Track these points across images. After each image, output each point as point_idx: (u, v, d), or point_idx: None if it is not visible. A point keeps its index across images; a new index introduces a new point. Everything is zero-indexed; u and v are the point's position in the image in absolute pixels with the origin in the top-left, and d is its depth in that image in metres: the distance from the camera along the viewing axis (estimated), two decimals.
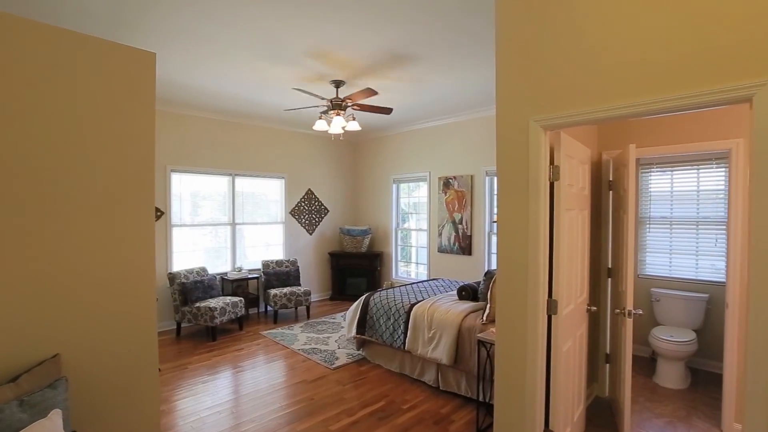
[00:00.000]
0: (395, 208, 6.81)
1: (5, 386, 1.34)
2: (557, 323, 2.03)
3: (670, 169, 4.03)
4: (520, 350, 2.04)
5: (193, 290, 4.78)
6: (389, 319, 3.77)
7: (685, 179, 3.96)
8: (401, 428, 2.82)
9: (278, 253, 6.42)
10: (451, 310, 3.41)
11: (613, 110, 1.69)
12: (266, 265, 5.85)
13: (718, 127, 2.92)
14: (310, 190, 6.75)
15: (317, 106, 4.25)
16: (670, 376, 3.40)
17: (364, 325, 3.98)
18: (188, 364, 3.98)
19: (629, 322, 2.43)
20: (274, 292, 5.45)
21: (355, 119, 4.30)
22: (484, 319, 3.12)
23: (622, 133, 3.26)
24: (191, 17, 2.84)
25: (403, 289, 4.35)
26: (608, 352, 3.20)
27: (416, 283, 4.70)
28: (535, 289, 1.97)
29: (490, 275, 3.59)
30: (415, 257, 6.66)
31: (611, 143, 3.25)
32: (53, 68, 1.68)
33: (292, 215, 6.50)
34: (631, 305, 2.41)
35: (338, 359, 4.08)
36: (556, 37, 1.88)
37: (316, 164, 6.83)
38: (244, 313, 5.05)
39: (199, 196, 5.52)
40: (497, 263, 2.15)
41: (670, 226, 4.04)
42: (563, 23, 1.85)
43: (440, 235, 6.02)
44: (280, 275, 5.78)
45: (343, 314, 5.83)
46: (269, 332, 4.99)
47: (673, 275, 4.01)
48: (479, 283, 3.88)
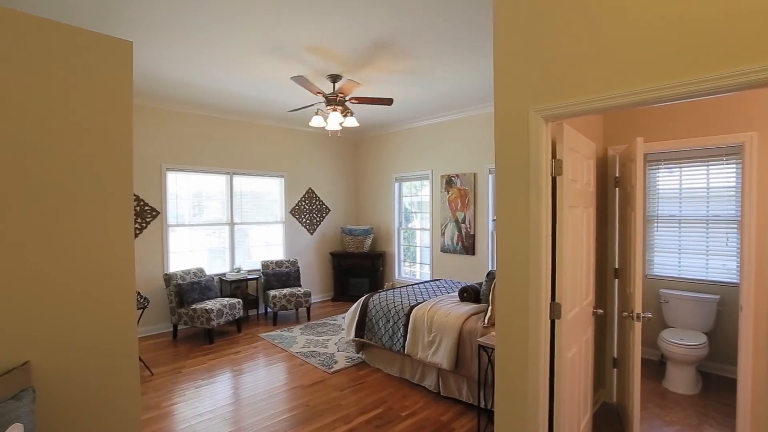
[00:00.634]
0: (397, 207, 6.70)
1: None
2: (561, 328, 1.91)
3: (677, 165, 3.88)
4: (521, 357, 1.92)
5: (189, 292, 4.71)
6: (388, 321, 3.66)
7: (693, 176, 3.81)
8: None
9: (278, 253, 6.33)
10: (451, 312, 3.29)
11: (621, 97, 1.57)
12: (266, 265, 5.77)
13: (729, 120, 2.77)
14: (310, 189, 6.65)
15: (315, 104, 4.15)
16: (680, 380, 3.26)
17: (363, 327, 3.87)
18: (183, 367, 3.90)
19: (638, 326, 2.30)
20: (273, 293, 5.36)
21: (353, 115, 4.20)
22: (485, 322, 3.00)
23: (627, 127, 3.12)
24: (179, 8, 2.74)
25: (403, 290, 4.24)
26: (616, 356, 3.07)
27: (418, 284, 4.59)
28: (536, 291, 1.85)
29: (492, 276, 3.46)
30: (417, 257, 6.55)
31: (617, 138, 3.11)
32: (18, 56, 1.59)
33: (292, 215, 6.41)
34: (639, 308, 2.28)
35: (337, 363, 3.97)
36: (558, 17, 1.75)
37: (316, 163, 6.73)
38: (242, 314, 4.97)
39: (196, 195, 5.45)
40: (496, 264, 2.03)
41: (678, 224, 3.89)
42: (566, 1, 1.73)
43: (443, 234, 5.90)
44: (279, 276, 5.69)
45: (344, 316, 5.73)
46: (268, 334, 4.89)
47: (682, 276, 3.86)
48: (481, 284, 3.76)
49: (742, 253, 2.47)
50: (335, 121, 4.02)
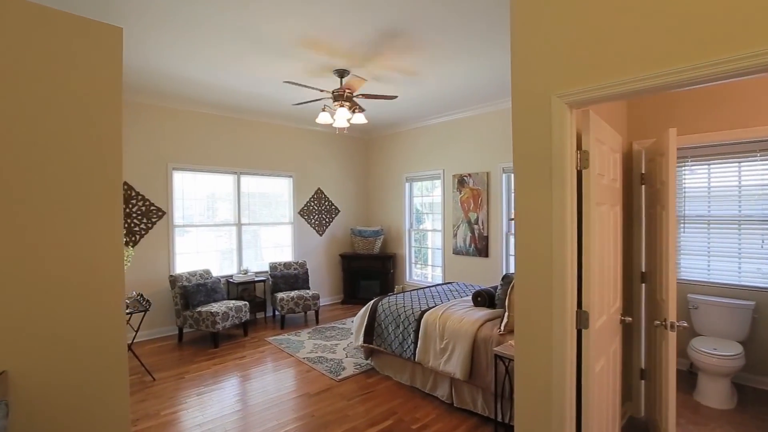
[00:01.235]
0: (408, 207, 6.53)
1: None
2: (588, 339, 1.72)
3: (705, 162, 3.63)
4: (544, 370, 1.73)
5: (195, 294, 4.60)
6: (398, 327, 3.49)
7: (724, 173, 3.55)
8: None
9: (287, 254, 6.21)
10: (465, 318, 3.10)
11: (659, 78, 1.37)
12: (274, 267, 5.65)
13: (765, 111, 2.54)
14: (319, 189, 6.53)
15: (321, 98, 4.01)
16: (713, 394, 3.01)
17: (371, 333, 3.71)
18: (186, 373, 3.78)
19: (672, 335, 2.08)
20: (281, 295, 5.23)
21: (361, 111, 4.05)
22: (501, 328, 2.81)
23: (654, 120, 2.90)
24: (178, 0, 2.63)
25: (414, 293, 4.06)
26: (643, 367, 2.84)
27: (429, 287, 4.41)
28: (561, 298, 1.66)
29: (508, 279, 3.27)
30: (429, 259, 6.36)
31: (642, 132, 2.89)
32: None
33: (301, 215, 6.29)
34: (674, 316, 2.06)
35: (345, 369, 3.81)
36: None
37: (325, 162, 6.61)
38: (248, 318, 4.85)
39: (202, 195, 5.36)
40: (515, 267, 1.85)
41: (707, 225, 3.63)
42: None
43: (455, 235, 5.71)
44: (287, 278, 5.56)
45: (353, 319, 5.57)
46: (275, 338, 4.76)
47: (712, 280, 3.60)
48: (496, 287, 3.56)
49: None
50: (342, 117, 3.87)
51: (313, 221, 6.44)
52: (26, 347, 1.53)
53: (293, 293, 5.31)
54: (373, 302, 3.83)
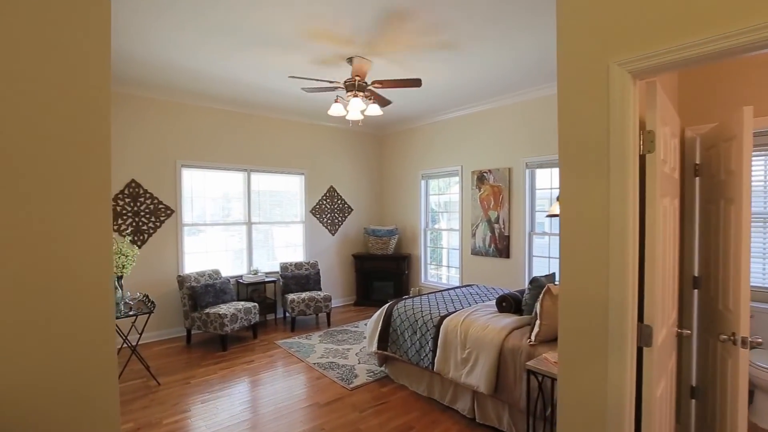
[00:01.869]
0: (424, 206, 6.25)
1: None
2: (652, 358, 1.42)
3: (763, 152, 3.25)
4: (597, 395, 1.44)
5: (203, 295, 4.42)
6: (415, 333, 3.22)
7: None
8: None
9: (298, 254, 6.00)
10: (489, 325, 2.81)
11: (759, 31, 1.08)
12: (284, 267, 5.44)
13: None
14: (332, 187, 6.30)
15: (334, 86, 3.76)
16: None
17: (386, 339, 3.44)
18: (191, 377, 3.58)
19: (743, 353, 1.76)
20: (291, 297, 5.01)
21: (374, 100, 3.79)
22: (532, 338, 2.51)
23: (710, 101, 2.56)
24: None
25: (431, 296, 3.78)
26: (694, 384, 2.51)
27: (447, 290, 4.12)
28: (620, 310, 1.37)
29: (537, 284, 2.97)
30: (445, 260, 6.07)
31: (695, 116, 2.56)
32: None
33: (312, 214, 6.07)
34: (746, 330, 1.74)
35: (357, 377, 3.56)
36: None
37: (338, 159, 6.37)
38: (258, 319, 4.64)
39: (212, 193, 5.18)
40: (560, 272, 1.56)
41: (764, 224, 3.26)
42: None
43: (474, 235, 5.41)
44: (299, 279, 5.35)
45: (366, 322, 5.32)
46: (285, 342, 4.54)
47: None
48: (523, 292, 3.26)
49: None
50: (356, 108, 3.62)
51: (325, 220, 6.22)
52: None
53: (304, 294, 5.09)
54: (387, 306, 3.57)
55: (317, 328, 5.10)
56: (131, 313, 3.27)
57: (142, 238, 4.57)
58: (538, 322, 2.51)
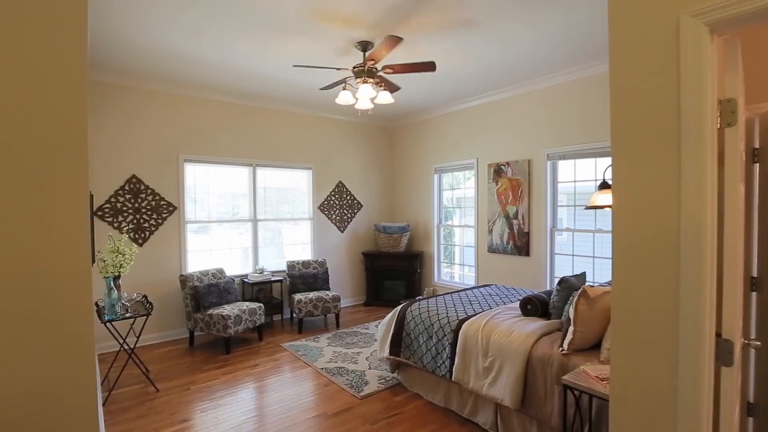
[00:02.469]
0: (437, 201, 5.97)
1: None
2: (731, 381, 1.15)
3: None
4: (663, 424, 1.17)
5: (206, 295, 4.22)
6: (431, 338, 2.96)
7: None
8: None
9: (306, 252, 5.78)
10: (514, 331, 2.54)
11: None
12: (291, 266, 5.23)
13: None
14: (341, 182, 6.06)
15: (346, 78, 3.51)
16: None
17: (399, 343, 3.19)
18: (192, 383, 3.38)
19: None
20: (298, 297, 4.79)
21: (385, 87, 3.53)
22: (564, 347, 2.24)
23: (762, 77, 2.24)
24: None
25: (447, 297, 3.52)
26: (752, 400, 2.21)
27: (464, 290, 3.85)
28: (695, 323, 1.10)
29: (567, 285, 2.69)
30: (460, 258, 5.79)
31: (751, 93, 2.25)
32: None
33: (320, 211, 5.84)
34: None
35: (368, 384, 3.32)
36: None
37: (347, 154, 6.13)
38: (263, 321, 4.43)
39: (216, 189, 4.98)
40: (613, 276, 1.29)
41: None
42: None
43: (491, 232, 5.12)
44: (306, 278, 5.13)
45: (377, 323, 5.08)
46: (291, 344, 4.33)
47: None
48: (550, 293, 2.98)
49: None
50: (366, 95, 3.37)
51: (333, 217, 5.99)
52: None
53: (312, 294, 4.86)
54: (400, 308, 3.32)
55: (325, 329, 4.88)
56: (128, 315, 3.08)
57: (143, 235, 4.39)
58: (571, 328, 2.23)
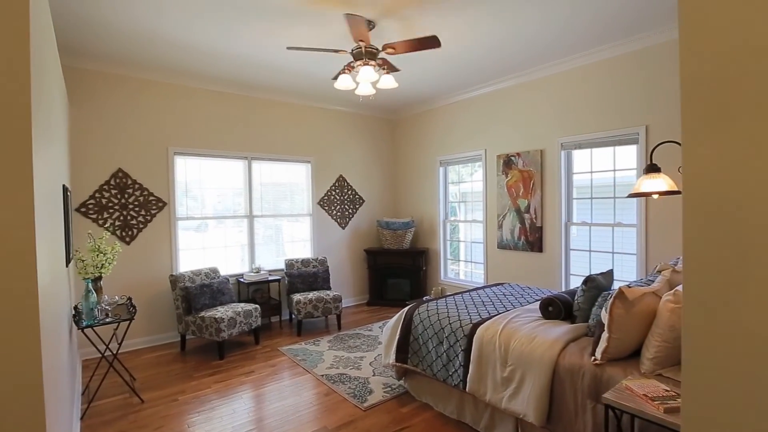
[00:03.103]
0: (443, 195, 5.68)
1: None
2: None
3: None
4: None
5: (198, 296, 3.94)
6: (441, 344, 2.68)
7: None
8: None
9: (305, 250, 5.50)
10: (537, 336, 2.25)
11: None
12: (290, 264, 4.95)
13: None
14: (341, 176, 5.77)
15: (350, 67, 3.22)
16: None
17: (406, 349, 2.91)
18: (181, 393, 3.11)
19: None
20: (297, 297, 4.52)
21: (388, 70, 3.24)
22: (597, 356, 1.95)
23: None
24: None
25: (458, 298, 3.24)
26: None
27: (475, 290, 3.57)
28: None
29: (595, 284, 2.40)
30: (468, 255, 5.50)
31: None
32: None
33: (320, 206, 5.56)
34: None
35: (372, 393, 3.04)
36: None
37: (348, 146, 5.84)
38: (260, 323, 4.16)
39: (209, 184, 4.70)
40: (684, 271, 0.99)
41: None
42: None
43: (500, 227, 4.83)
44: (305, 277, 4.85)
45: (381, 324, 4.81)
46: (290, 348, 4.05)
47: None
48: (573, 293, 2.69)
49: None
50: (367, 78, 3.07)
51: (334, 212, 5.70)
52: None
53: (311, 295, 4.59)
54: (407, 310, 3.04)
55: (326, 331, 4.60)
56: (108, 320, 2.80)
57: (130, 233, 4.12)
58: (605, 334, 1.94)
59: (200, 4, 2.81)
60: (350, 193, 5.87)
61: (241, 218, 4.91)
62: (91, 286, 2.83)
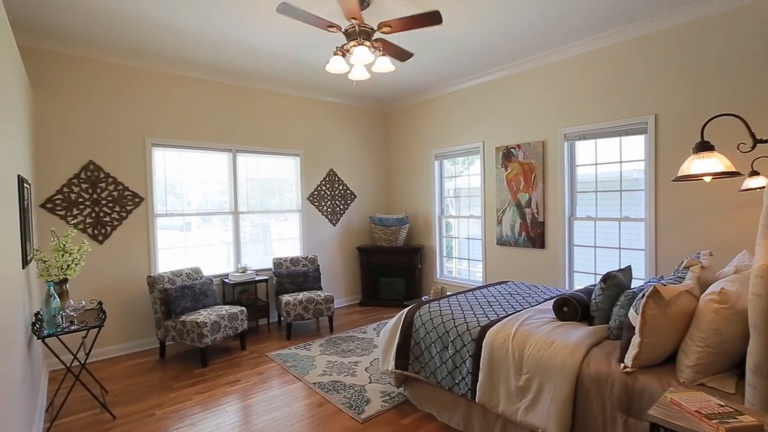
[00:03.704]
0: (438, 190, 5.45)
1: None
2: None
3: None
4: None
5: (179, 298, 3.64)
6: (446, 348, 2.44)
7: None
8: None
9: (294, 248, 5.22)
10: (555, 340, 2.03)
11: None
12: (278, 263, 4.67)
13: None
14: (332, 170, 5.49)
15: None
16: None
17: (406, 354, 2.67)
18: (158, 407, 2.81)
19: None
20: (287, 299, 4.24)
21: (384, 52, 2.99)
22: (627, 362, 1.73)
23: None
24: None
25: (461, 298, 3.00)
26: None
27: (477, 289, 3.34)
28: None
29: (615, 283, 2.19)
30: (465, 252, 5.28)
31: None
32: None
33: (310, 202, 5.28)
34: None
35: (370, 403, 2.79)
36: None
37: (339, 139, 5.56)
38: (246, 327, 3.87)
39: (190, 178, 4.38)
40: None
41: None
42: None
43: (500, 222, 4.62)
44: (295, 276, 4.57)
45: (375, 325, 4.56)
46: (279, 353, 3.78)
47: None
48: (587, 291, 2.48)
49: None
50: (361, 59, 2.81)
51: (324, 208, 5.43)
52: None
53: (301, 295, 4.31)
54: (407, 312, 2.79)
55: (318, 334, 4.34)
56: (73, 328, 2.49)
57: (103, 231, 3.79)
58: (636, 338, 1.73)
59: None
60: (341, 188, 5.60)
61: (225, 215, 4.61)
62: (53, 290, 2.52)
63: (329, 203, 5.47)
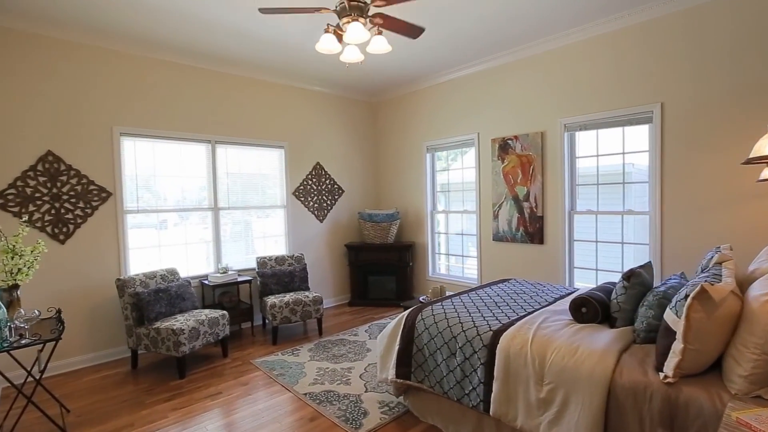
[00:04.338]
0: (430, 184, 5.22)
1: None
2: None
3: None
4: None
5: (152, 303, 3.30)
6: (453, 356, 2.21)
7: None
8: None
9: (279, 247, 4.91)
10: (581, 347, 1.82)
11: None
12: (262, 263, 4.36)
13: None
14: (318, 164, 5.20)
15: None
16: None
17: (408, 362, 2.43)
18: (127, 427, 2.49)
19: None
20: (272, 300, 3.93)
21: (379, 31, 2.72)
22: (669, 372, 1.54)
23: None
24: None
25: (465, 298, 2.78)
26: None
27: (480, 288, 3.12)
28: None
29: (640, 281, 2.00)
30: (459, 248, 5.08)
31: None
32: None
33: (296, 197, 4.97)
34: None
35: (367, 415, 2.54)
36: None
37: (326, 131, 5.27)
38: (228, 332, 3.57)
39: (164, 171, 4.01)
40: None
41: None
42: None
43: (496, 217, 4.42)
44: (280, 276, 4.27)
45: (366, 327, 4.31)
46: (264, 360, 3.48)
47: None
48: (605, 290, 2.28)
49: None
50: (355, 36, 2.53)
51: (311, 204, 5.13)
52: None
53: (288, 297, 4.02)
54: (408, 315, 2.55)
55: (306, 338, 4.05)
56: (23, 342, 2.14)
57: (65, 230, 3.40)
58: (678, 345, 1.53)
59: None
60: (329, 182, 5.31)
61: (204, 211, 4.26)
62: (1, 298, 2.17)
63: (316, 198, 5.17)
